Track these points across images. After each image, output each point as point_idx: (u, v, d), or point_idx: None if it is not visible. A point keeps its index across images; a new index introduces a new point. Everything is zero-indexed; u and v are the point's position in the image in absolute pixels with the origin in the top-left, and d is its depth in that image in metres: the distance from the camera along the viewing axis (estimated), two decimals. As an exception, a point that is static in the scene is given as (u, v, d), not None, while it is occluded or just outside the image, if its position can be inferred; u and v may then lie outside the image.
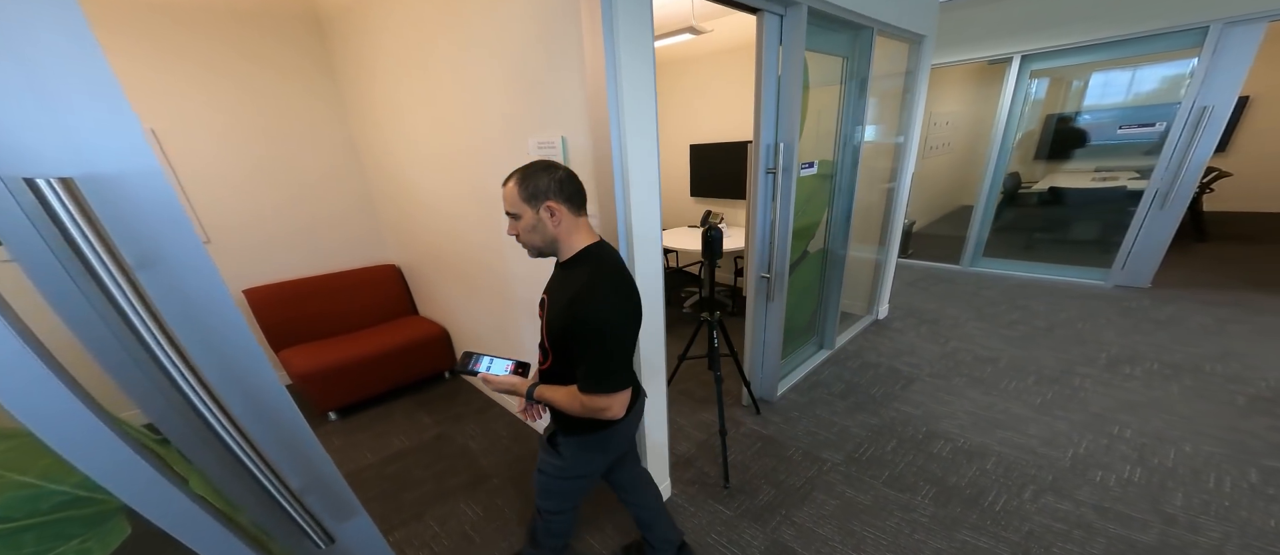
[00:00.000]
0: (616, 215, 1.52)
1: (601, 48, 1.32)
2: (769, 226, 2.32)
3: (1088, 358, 2.73)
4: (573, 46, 1.41)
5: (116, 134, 0.60)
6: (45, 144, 0.56)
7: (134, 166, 0.61)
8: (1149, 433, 2.07)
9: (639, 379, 1.49)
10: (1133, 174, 4.15)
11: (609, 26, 1.31)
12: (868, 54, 2.63)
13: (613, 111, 1.40)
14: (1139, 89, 4.13)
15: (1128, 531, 1.58)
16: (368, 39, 2.36)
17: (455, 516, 1.96)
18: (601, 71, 1.35)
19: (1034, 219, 4.98)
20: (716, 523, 1.88)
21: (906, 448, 2.14)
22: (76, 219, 0.54)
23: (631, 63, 1.41)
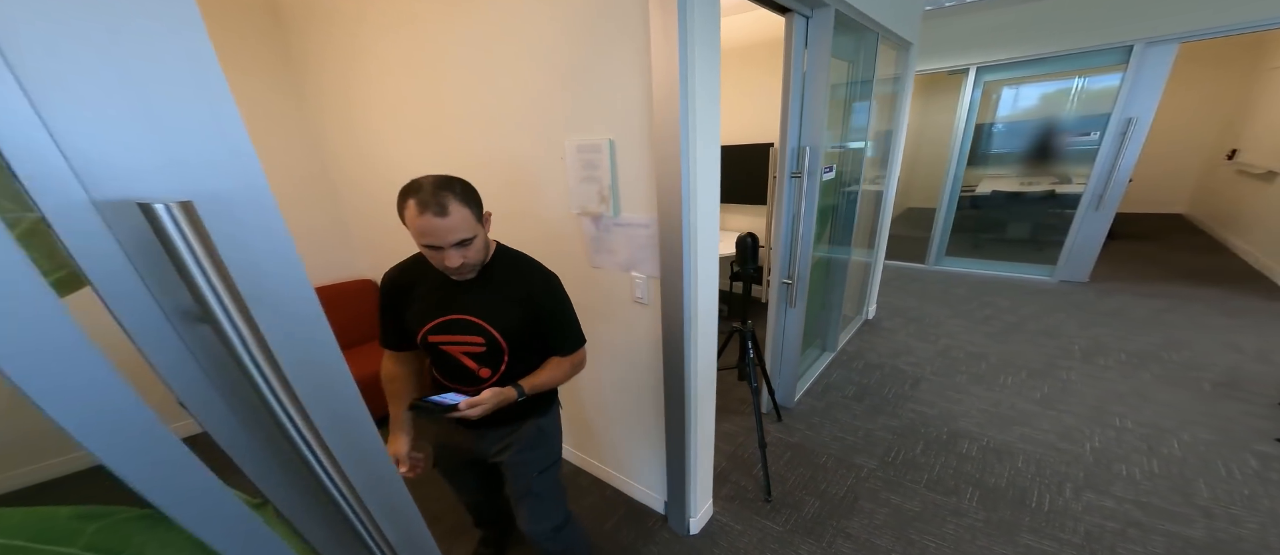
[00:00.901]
0: (682, 226, 1.31)
1: (675, 40, 1.12)
2: (792, 231, 2.20)
3: (1063, 351, 2.86)
4: (629, 38, 1.20)
5: (226, 147, 0.45)
6: (149, 161, 0.41)
7: (244, 185, 0.46)
8: (1146, 422, 2.16)
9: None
10: (1056, 179, 4.53)
11: (684, 17, 1.12)
12: (872, 59, 2.60)
13: (684, 112, 1.20)
14: (1072, 101, 4.43)
15: (1178, 527, 1.60)
16: (338, 31, 1.98)
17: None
18: (674, 68, 1.15)
19: (976, 220, 5.28)
20: (769, 540, 1.73)
21: (935, 449, 2.10)
22: (194, 248, 0.39)
23: (703, 59, 1.22)
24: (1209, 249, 4.74)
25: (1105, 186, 3.84)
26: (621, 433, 1.89)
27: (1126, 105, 3.61)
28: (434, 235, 0.92)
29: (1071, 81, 4.32)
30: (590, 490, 2.01)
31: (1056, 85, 4.40)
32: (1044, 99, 4.59)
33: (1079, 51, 3.68)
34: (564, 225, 1.60)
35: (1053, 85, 4.45)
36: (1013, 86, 4.73)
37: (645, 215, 1.39)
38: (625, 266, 1.53)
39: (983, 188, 5.37)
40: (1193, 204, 6.13)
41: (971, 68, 4.20)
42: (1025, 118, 4.74)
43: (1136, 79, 3.53)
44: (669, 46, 1.14)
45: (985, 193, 5.38)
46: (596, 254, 1.58)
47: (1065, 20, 3.65)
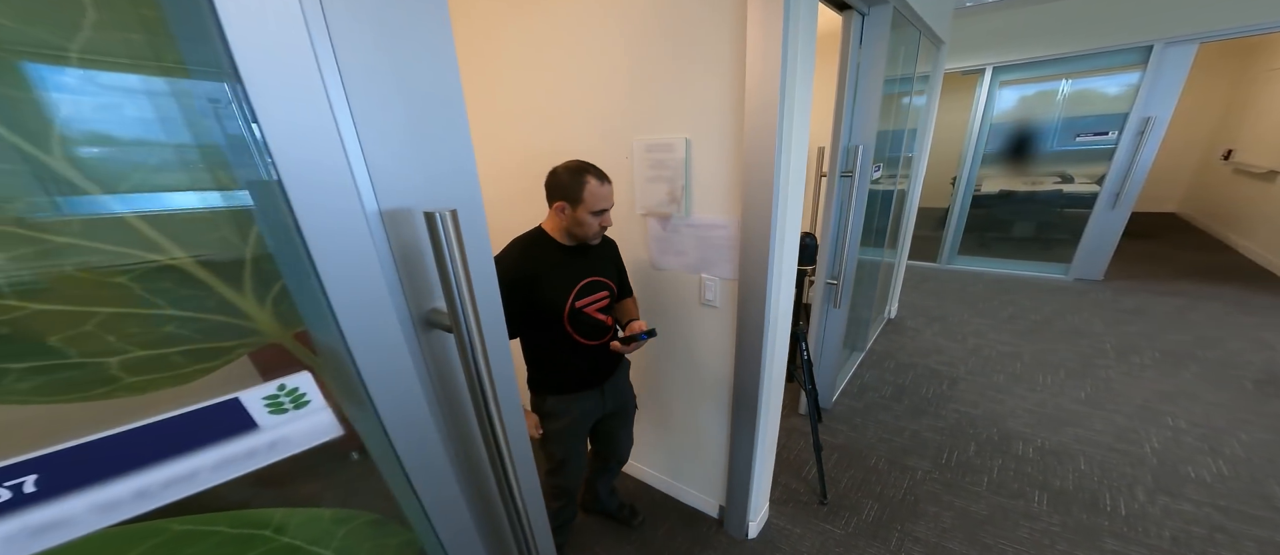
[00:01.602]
0: (771, 229, 1.22)
1: (778, 38, 1.04)
2: (840, 231, 2.11)
3: (1096, 350, 2.79)
4: (717, 33, 1.14)
5: (463, 169, 0.48)
6: (421, 180, 0.45)
7: (469, 199, 0.49)
8: (1200, 422, 2.08)
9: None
10: (1063, 178, 4.46)
11: (788, 16, 1.03)
12: (914, 57, 2.52)
13: (783, 112, 1.12)
14: (1088, 100, 4.36)
15: (1266, 533, 1.51)
16: None
17: None
18: (775, 67, 1.07)
19: (988, 219, 5.22)
20: (831, 544, 1.63)
21: (988, 451, 2.01)
22: (454, 257, 0.41)
23: (803, 58, 1.15)
24: (1212, 247, 4.72)
25: (1123, 185, 3.79)
26: (677, 437, 1.78)
27: (1145, 104, 3.56)
28: (608, 200, 1.17)
29: (1089, 81, 4.23)
30: (640, 496, 1.90)
31: (1073, 85, 4.31)
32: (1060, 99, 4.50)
33: (1098, 51, 3.62)
34: (626, 225, 1.52)
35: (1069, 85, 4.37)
36: (1028, 86, 4.64)
37: (723, 217, 1.32)
38: (695, 268, 1.45)
39: (994, 187, 5.32)
40: (1186, 202, 6.14)
41: (988, 67, 4.14)
42: (1039, 118, 4.66)
43: (1156, 79, 3.48)
44: (771, 45, 1.06)
45: (996, 192, 5.33)
46: (662, 255, 1.50)
47: (1084, 20, 3.59)
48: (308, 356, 0.40)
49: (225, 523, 0.43)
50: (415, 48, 0.40)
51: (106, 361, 0.32)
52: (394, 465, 0.47)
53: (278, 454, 0.39)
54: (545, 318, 1.20)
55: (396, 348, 0.43)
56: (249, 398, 0.36)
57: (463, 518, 0.54)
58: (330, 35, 0.34)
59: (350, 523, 0.54)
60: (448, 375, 0.50)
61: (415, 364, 0.45)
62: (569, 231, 1.19)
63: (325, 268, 0.36)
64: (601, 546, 1.69)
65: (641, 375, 1.76)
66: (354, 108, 0.36)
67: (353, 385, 0.42)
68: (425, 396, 0.47)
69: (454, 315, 0.42)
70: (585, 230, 1.17)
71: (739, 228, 1.29)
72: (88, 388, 0.31)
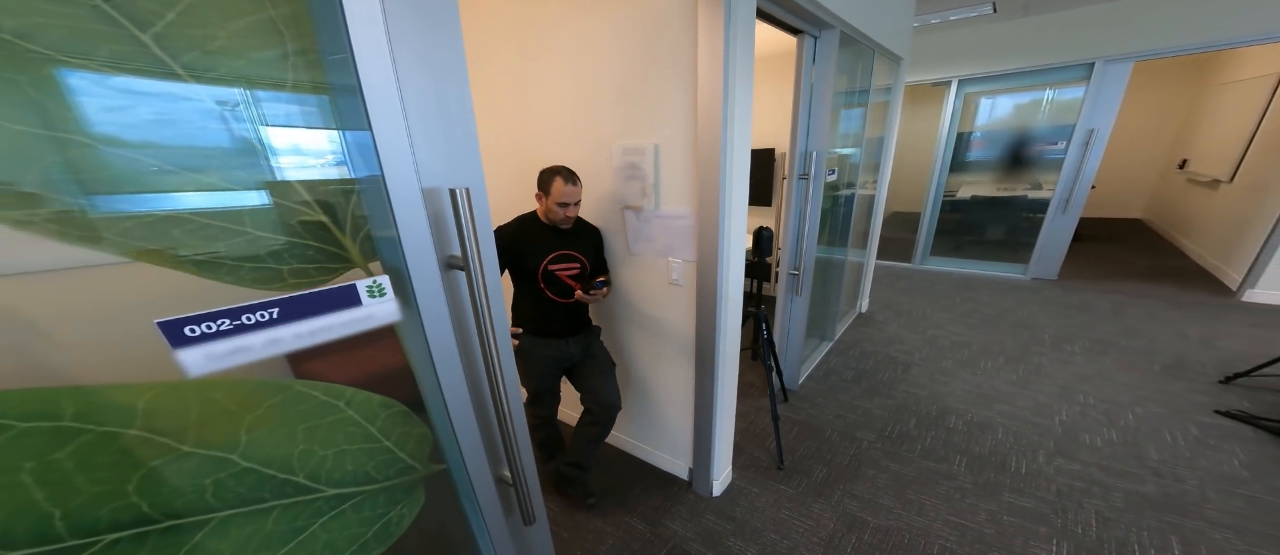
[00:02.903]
0: (719, 216, 1.53)
1: (720, 61, 1.36)
2: (799, 227, 2.40)
3: (1036, 339, 3.14)
4: (677, 59, 1.44)
5: (470, 153, 0.70)
6: (437, 159, 0.66)
7: (476, 180, 0.71)
8: (1106, 399, 2.43)
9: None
10: (1028, 185, 4.83)
11: (728, 43, 1.35)
12: (869, 72, 2.82)
13: (725, 121, 1.43)
14: (1041, 112, 4.71)
15: (1132, 485, 1.85)
16: None
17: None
18: (718, 85, 1.38)
19: (957, 223, 5.59)
20: (783, 501, 1.93)
21: (926, 424, 2.33)
22: (467, 221, 0.64)
23: (741, 77, 1.46)
24: (1164, 251, 5.13)
25: (1071, 191, 4.16)
26: (652, 405, 2.07)
27: (1089, 117, 3.92)
28: (572, 196, 1.56)
29: (1043, 94, 4.61)
30: (618, 462, 2.19)
31: (1029, 97, 4.68)
32: (1018, 110, 4.88)
33: (1048, 67, 3.99)
34: (609, 217, 1.83)
35: (1026, 97, 4.74)
36: (990, 97, 5.01)
37: (684, 208, 1.62)
38: (663, 252, 1.74)
39: (963, 193, 5.70)
40: (1149, 209, 6.57)
41: (954, 80, 4.48)
42: (1001, 127, 5.03)
43: (1098, 93, 3.84)
44: (714, 66, 1.37)
45: (965, 197, 5.70)
46: (635, 242, 1.79)
47: (1035, 38, 3.96)
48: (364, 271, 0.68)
49: (321, 390, 0.68)
50: (444, 80, 0.63)
51: (280, 268, 0.60)
52: (424, 356, 0.73)
53: (370, 324, 0.66)
54: (527, 272, 1.66)
55: (433, 277, 0.69)
56: (360, 284, 0.63)
57: (463, 399, 0.80)
58: (397, 73, 0.58)
59: (390, 409, 0.77)
60: (459, 300, 0.75)
61: (445, 289, 0.72)
62: (547, 215, 1.61)
63: (402, 222, 0.63)
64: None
65: (621, 351, 2.06)
66: (411, 124, 0.61)
67: (408, 296, 0.68)
68: (447, 311, 0.73)
69: (465, 258, 0.65)
70: (553, 216, 1.60)
71: (697, 217, 1.58)
72: (273, 282, 0.60)
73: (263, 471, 0.65)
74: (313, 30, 0.56)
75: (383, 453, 0.77)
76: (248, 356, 0.54)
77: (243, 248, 0.57)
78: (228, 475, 0.62)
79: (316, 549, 0.72)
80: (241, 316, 0.53)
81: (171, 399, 0.56)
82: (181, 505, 0.59)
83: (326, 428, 0.70)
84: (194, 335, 0.49)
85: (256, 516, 0.66)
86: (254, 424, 0.63)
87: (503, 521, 0.94)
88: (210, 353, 0.51)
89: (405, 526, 0.82)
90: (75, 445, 0.50)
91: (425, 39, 0.60)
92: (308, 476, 0.69)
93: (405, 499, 0.82)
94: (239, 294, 0.55)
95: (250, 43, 0.52)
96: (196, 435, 0.58)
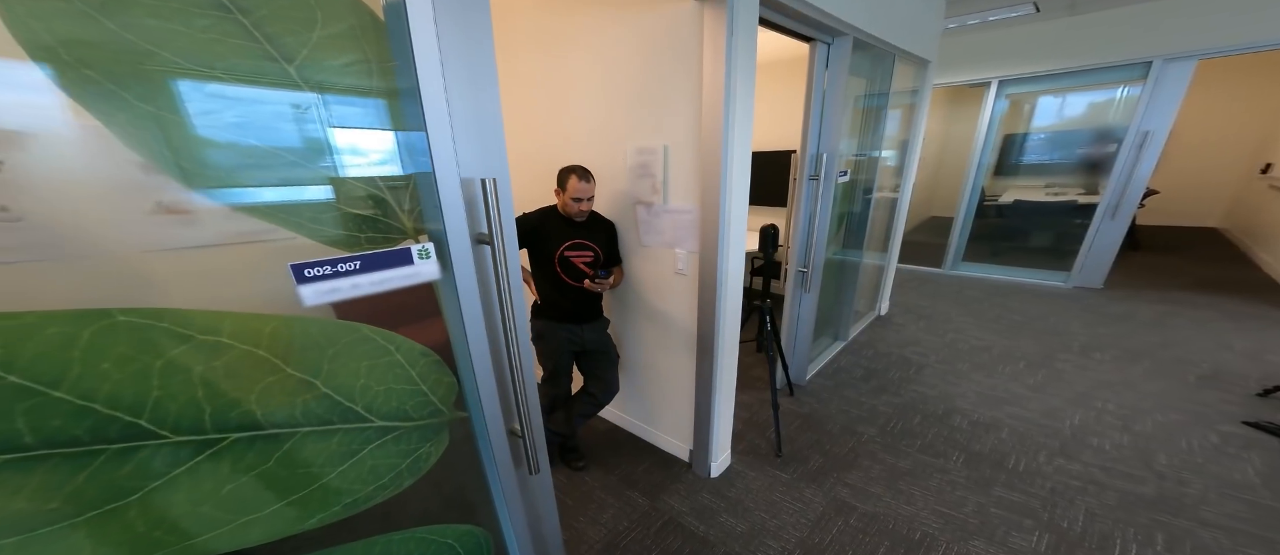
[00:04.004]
0: (719, 211, 1.68)
1: (722, 75, 1.52)
2: (809, 226, 2.52)
3: (1063, 346, 3.09)
4: (685, 74, 1.61)
5: (499, 150, 0.86)
6: (473, 155, 0.82)
7: (502, 171, 0.86)
8: (1127, 406, 2.40)
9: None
10: (1079, 189, 4.65)
11: (730, 54, 1.50)
12: (889, 76, 2.89)
13: (726, 125, 1.58)
14: (1086, 113, 4.54)
15: (1131, 486, 1.87)
16: None
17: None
18: (720, 92, 1.54)
19: (998, 228, 5.44)
20: (777, 485, 2.06)
21: (930, 422, 2.39)
22: (494, 205, 0.80)
23: (742, 85, 1.61)
24: (1234, 262, 4.80)
25: (1121, 196, 4.00)
26: (657, 389, 2.25)
27: (1145, 118, 3.77)
28: (584, 192, 1.76)
29: (1095, 95, 4.44)
30: (625, 443, 2.38)
31: (1079, 98, 4.52)
32: (1067, 111, 4.71)
33: (1098, 67, 3.86)
34: (620, 213, 2.04)
35: (1076, 98, 4.58)
36: (1037, 99, 4.86)
37: (690, 203, 1.79)
38: (670, 244, 1.92)
39: (1007, 197, 5.53)
40: (1227, 218, 6.11)
41: (993, 81, 4.40)
42: (1051, 129, 4.86)
43: (1155, 94, 3.69)
44: (717, 74, 1.53)
45: (1007, 202, 5.53)
46: (646, 234, 1.99)
47: (1084, 37, 3.84)
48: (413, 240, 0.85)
49: (379, 336, 0.83)
50: (480, 87, 0.78)
51: (358, 235, 0.80)
52: (456, 312, 0.90)
53: (418, 279, 0.82)
54: (545, 256, 1.87)
55: (465, 248, 0.84)
56: (413, 248, 0.80)
57: (485, 356, 0.93)
58: (446, 86, 0.73)
59: (428, 358, 0.90)
60: (485, 271, 0.89)
61: (474, 261, 0.86)
62: (564, 208, 1.83)
63: (445, 204, 0.81)
64: (591, 476, 2.17)
65: (629, 338, 2.26)
66: (454, 126, 0.79)
67: (447, 261, 0.83)
68: (475, 277, 0.90)
69: (490, 234, 0.80)
70: (569, 210, 1.81)
71: (701, 212, 1.74)
72: (353, 246, 0.78)
73: (334, 398, 0.80)
74: (389, 51, 0.74)
75: (418, 395, 0.92)
76: (338, 294, 0.74)
77: (336, 222, 0.77)
78: (312, 397, 0.78)
79: (364, 471, 0.87)
80: (338, 265, 0.73)
81: (285, 330, 0.73)
82: (282, 417, 0.75)
83: (381, 368, 0.85)
84: (310, 276, 0.71)
85: (326, 436, 0.81)
86: (334, 356, 0.78)
87: (511, 469, 1.08)
88: (317, 289, 0.71)
89: (432, 462, 0.96)
90: (227, 358, 0.67)
91: (467, 53, 0.76)
92: (365, 407, 0.85)
93: (434, 438, 0.96)
94: (333, 254, 0.75)
95: (344, 60, 0.71)
96: (298, 359, 0.75)
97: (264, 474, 0.74)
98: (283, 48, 0.64)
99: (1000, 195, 5.53)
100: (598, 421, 2.54)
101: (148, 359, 0.61)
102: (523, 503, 1.16)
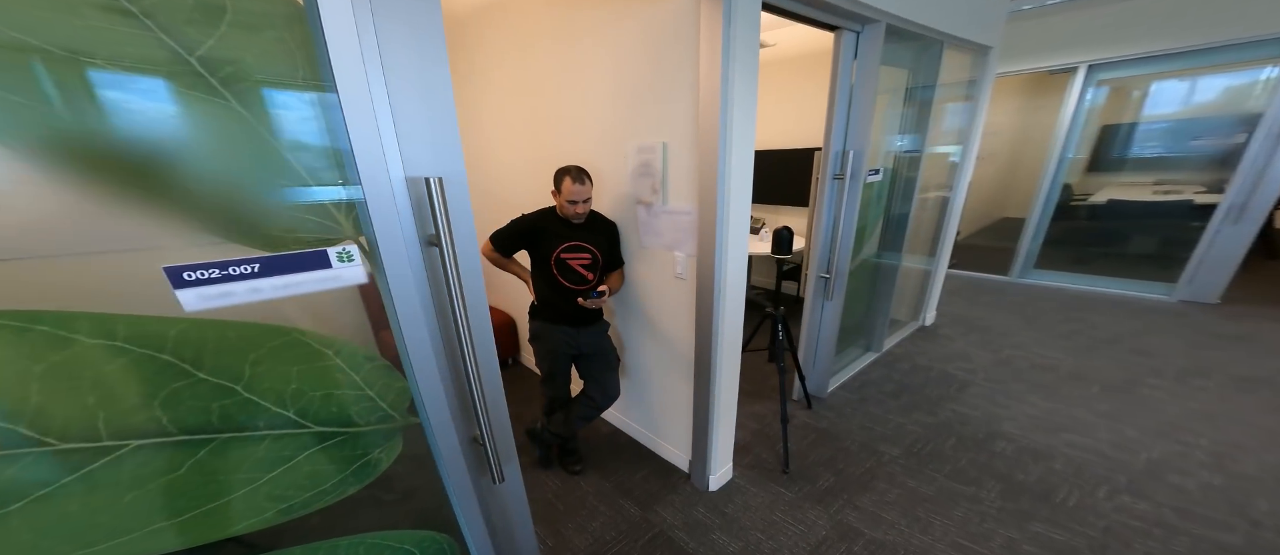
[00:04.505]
0: (717, 213, 1.57)
1: (718, 69, 1.42)
2: (832, 229, 2.34)
3: (1155, 369, 2.63)
4: (684, 68, 1.53)
5: (452, 149, 0.83)
6: (422, 153, 0.80)
7: (456, 171, 0.84)
8: (1226, 442, 1.98)
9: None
10: (1198, 187, 3.94)
11: (727, 50, 1.40)
12: (935, 66, 2.62)
13: (723, 122, 1.48)
14: (1207, 99, 3.88)
15: (1211, 532, 1.53)
16: (471, 56, 2.55)
17: (539, 485, 2.07)
18: (716, 90, 1.44)
19: (1087, 232, 4.77)
20: (779, 503, 1.92)
21: (967, 446, 2.12)
22: (440, 206, 0.78)
23: (742, 82, 1.49)
24: None
25: (1250, 196, 3.36)
26: (658, 395, 2.19)
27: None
28: (579, 195, 1.71)
29: (1214, 79, 3.76)
30: (627, 448, 2.34)
31: (1216, 81, 3.81)
32: (1179, 98, 4.02)
33: (1219, 45, 3.28)
34: (624, 213, 1.98)
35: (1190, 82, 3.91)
36: (1160, 83, 4.20)
37: (688, 204, 1.68)
38: (669, 246, 1.83)
39: (1100, 196, 4.84)
40: None
41: (1081, 65, 3.89)
42: (1169, 118, 4.17)
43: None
44: (713, 66, 1.43)
45: (1100, 202, 4.84)
46: (646, 235, 1.91)
47: (1205, 11, 3.26)
48: (362, 246, 0.79)
49: (314, 340, 0.80)
50: (432, 94, 0.76)
51: (286, 236, 0.73)
52: (396, 318, 0.83)
53: (339, 284, 0.78)
54: (542, 257, 1.84)
55: (401, 251, 0.80)
56: (330, 251, 0.76)
57: (429, 361, 0.88)
58: (386, 82, 0.71)
59: (373, 362, 0.88)
60: (436, 273, 0.86)
61: (425, 263, 0.84)
62: (561, 210, 1.79)
63: (372, 204, 0.75)
64: (587, 480, 2.15)
65: (629, 342, 2.22)
66: (398, 124, 0.75)
67: (380, 265, 0.80)
68: (424, 280, 0.84)
69: (439, 235, 0.77)
70: (566, 212, 1.77)
71: (698, 213, 1.65)
72: (282, 246, 0.72)
73: (260, 404, 0.76)
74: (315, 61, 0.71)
75: (365, 400, 0.89)
76: (232, 300, 0.69)
77: (262, 219, 0.72)
78: (231, 403, 0.74)
79: (300, 477, 0.84)
80: (228, 268, 0.67)
81: (195, 333, 0.69)
82: (193, 423, 0.71)
83: (317, 373, 0.82)
84: (190, 279, 0.65)
85: (251, 442, 0.77)
86: (257, 361, 0.75)
87: (466, 476, 1.04)
88: (202, 294, 0.66)
89: (383, 468, 0.94)
90: (123, 362, 0.64)
91: (413, 49, 0.75)
92: (297, 413, 0.81)
93: (384, 444, 0.94)
94: (232, 254, 0.69)
95: (261, 51, 0.67)
96: (212, 363, 0.71)
97: (176, 481, 0.72)
98: (182, 38, 0.61)
99: (1091, 194, 4.87)
100: (601, 424, 2.51)
101: (24, 364, 0.59)
102: (487, 510, 1.13)
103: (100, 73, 0.57)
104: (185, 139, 0.64)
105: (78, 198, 0.60)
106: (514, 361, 3.20)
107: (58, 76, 0.55)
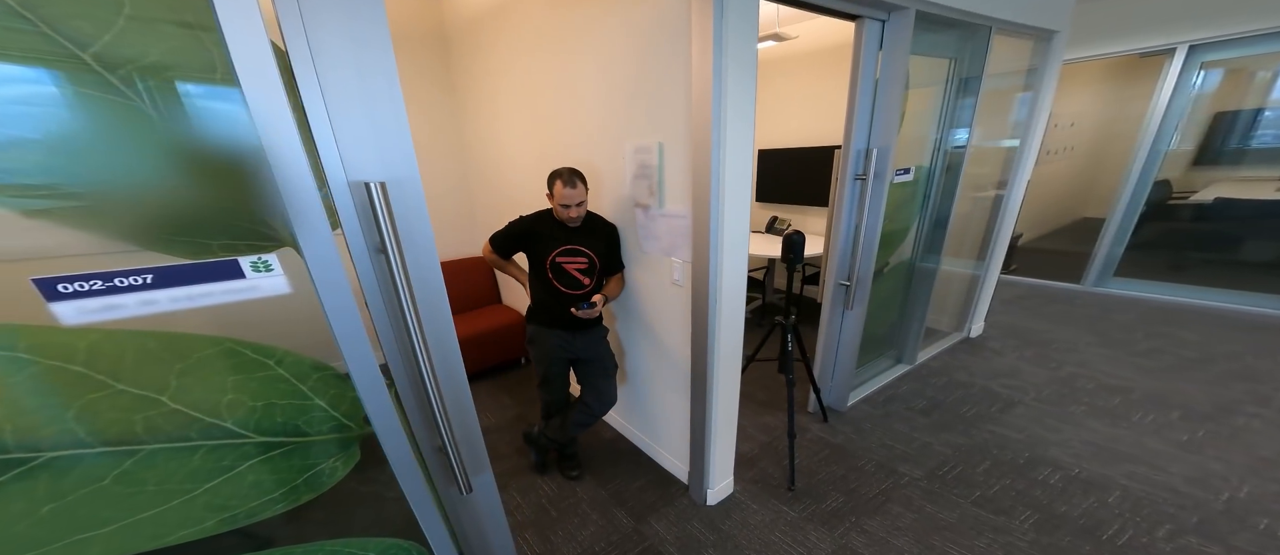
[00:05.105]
0: (710, 217, 1.50)
1: (710, 64, 1.34)
2: (853, 233, 2.17)
3: (1258, 396, 2.22)
4: (678, 62, 1.46)
5: (401, 152, 0.81)
6: (366, 157, 0.78)
7: (406, 175, 0.82)
8: (1344, 486, 1.63)
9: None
10: None
11: (718, 44, 1.33)
12: (982, 55, 2.36)
13: (716, 121, 1.40)
14: None
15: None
16: (480, 59, 2.65)
17: (534, 490, 2.08)
18: (708, 87, 1.37)
19: (1186, 234, 4.15)
20: (780, 522, 1.80)
21: (1002, 471, 1.89)
22: (383, 211, 0.74)
23: (737, 76, 1.41)
24: None
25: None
26: (658, 403, 2.12)
27: None
28: (571, 198, 1.67)
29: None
30: (627, 455, 2.28)
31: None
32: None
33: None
34: (625, 216, 1.93)
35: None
36: (1269, 66, 3.61)
37: (683, 207, 1.60)
38: (667, 251, 1.76)
39: (1205, 193, 4.20)
40: None
41: (1180, 46, 3.42)
42: (1258, 106, 3.60)
43: None
44: (705, 62, 1.35)
45: (1207, 200, 4.20)
46: (645, 240, 1.85)
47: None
48: (295, 252, 0.74)
49: (251, 350, 0.76)
50: (377, 98, 0.73)
51: (210, 243, 0.68)
52: (333, 329, 0.80)
53: (256, 294, 0.74)
54: (537, 261, 1.82)
55: (334, 260, 0.74)
56: (243, 261, 0.70)
57: (369, 368, 0.84)
58: (319, 82, 0.66)
59: (321, 372, 0.84)
60: (385, 280, 0.83)
61: (373, 269, 0.81)
62: (555, 213, 1.75)
63: (293, 210, 0.70)
64: (583, 487, 2.10)
65: (629, 349, 2.19)
66: (336, 131, 0.72)
67: (310, 274, 0.74)
68: (377, 290, 0.81)
69: (384, 242, 0.74)
70: (558, 215, 1.73)
71: (692, 217, 1.55)
72: (204, 254, 0.67)
73: (189, 414, 0.74)
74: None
75: (315, 410, 0.87)
76: (121, 313, 0.63)
77: (181, 226, 0.68)
78: (157, 414, 0.70)
79: (243, 487, 0.81)
80: (114, 279, 0.60)
81: (110, 344, 0.65)
82: (114, 434, 0.68)
83: (257, 383, 0.79)
84: (66, 292, 0.58)
85: (183, 453, 0.74)
86: (184, 372, 0.71)
87: (424, 487, 1.02)
88: (82, 308, 0.59)
89: (338, 478, 0.92)
90: (28, 373, 0.61)
91: (352, 46, 0.73)
92: (236, 423, 0.78)
93: (339, 453, 0.92)
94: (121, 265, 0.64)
95: (167, 47, 0.63)
96: (132, 374, 0.67)
97: (99, 491, 0.70)
98: (73, 33, 0.56)
99: (1195, 190, 4.23)
100: (603, 429, 2.49)
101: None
102: (458, 520, 1.11)
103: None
104: (80, 141, 0.59)
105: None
106: (527, 361, 3.25)
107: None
